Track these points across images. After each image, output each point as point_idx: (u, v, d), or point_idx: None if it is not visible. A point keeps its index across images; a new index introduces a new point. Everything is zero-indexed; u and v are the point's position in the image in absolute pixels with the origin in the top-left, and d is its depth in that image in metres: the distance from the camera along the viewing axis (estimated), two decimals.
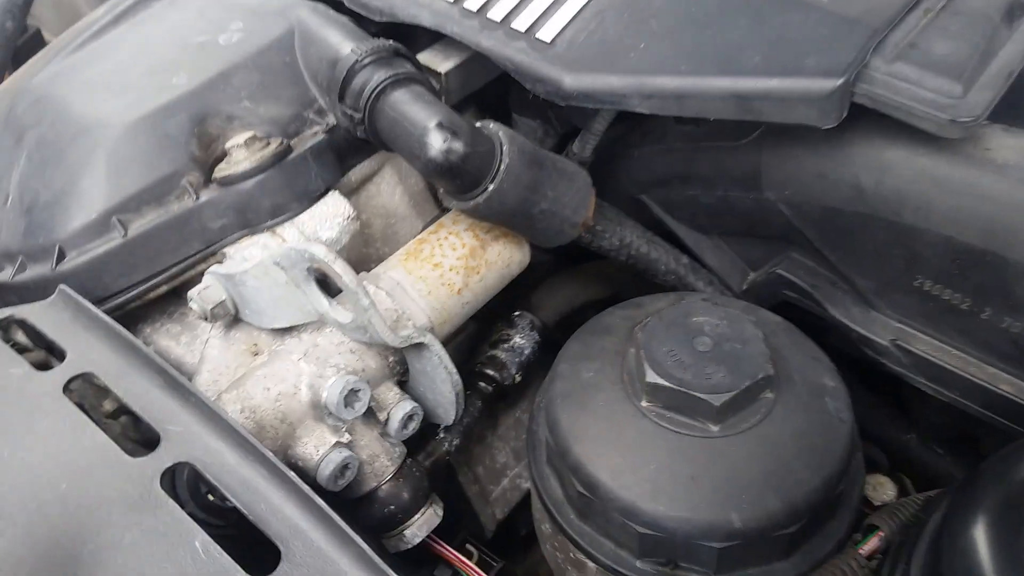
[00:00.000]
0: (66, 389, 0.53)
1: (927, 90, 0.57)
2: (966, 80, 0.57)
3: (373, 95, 0.63)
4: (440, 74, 0.70)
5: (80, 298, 0.57)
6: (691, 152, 0.72)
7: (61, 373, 0.54)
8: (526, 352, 0.73)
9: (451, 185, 0.61)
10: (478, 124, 0.63)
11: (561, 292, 0.79)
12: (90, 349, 0.55)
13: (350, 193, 0.70)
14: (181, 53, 0.71)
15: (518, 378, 0.73)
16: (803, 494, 0.57)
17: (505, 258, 0.69)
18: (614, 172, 0.78)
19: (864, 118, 0.59)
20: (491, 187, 0.60)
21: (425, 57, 0.72)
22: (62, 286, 0.58)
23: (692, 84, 0.60)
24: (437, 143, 0.58)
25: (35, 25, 1.50)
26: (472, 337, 0.76)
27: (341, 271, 0.55)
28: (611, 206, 0.71)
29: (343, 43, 0.66)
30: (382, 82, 0.62)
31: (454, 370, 0.61)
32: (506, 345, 0.73)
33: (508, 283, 0.70)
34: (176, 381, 0.52)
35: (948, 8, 0.63)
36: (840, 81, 0.57)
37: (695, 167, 0.72)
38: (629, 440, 0.60)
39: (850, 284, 0.67)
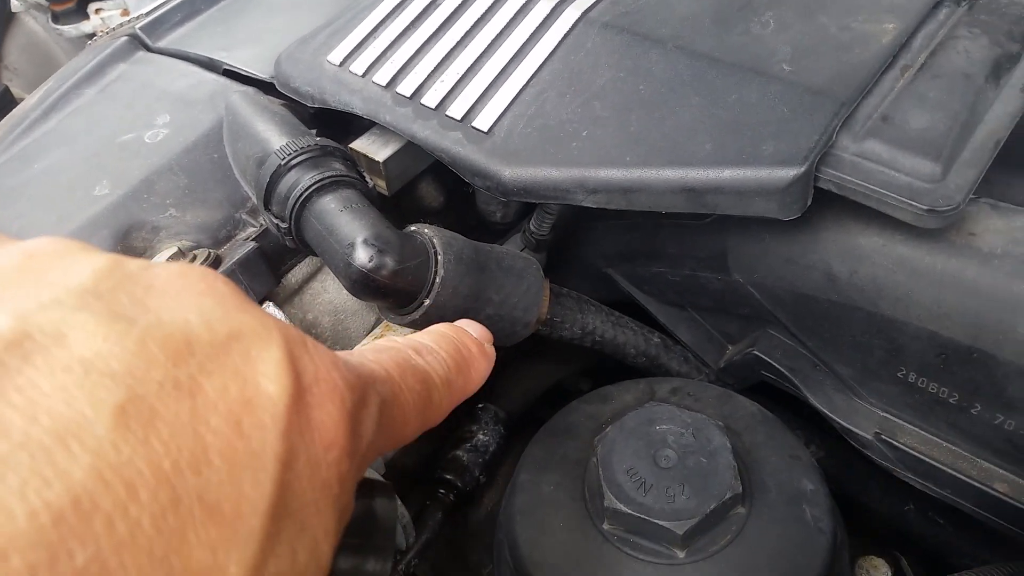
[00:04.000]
0: None
1: (902, 173, 0.51)
2: (946, 159, 0.51)
3: (298, 203, 0.58)
4: (378, 163, 0.65)
5: None
6: (655, 229, 0.67)
7: None
8: (491, 450, 0.69)
9: (383, 303, 0.56)
10: (412, 228, 0.58)
11: (527, 376, 0.74)
12: None
13: (291, 296, 0.66)
14: (105, 156, 0.67)
15: (483, 479, 0.68)
16: None
17: None
18: (579, 245, 0.73)
19: (835, 200, 0.54)
20: (427, 303, 0.55)
21: (362, 144, 0.67)
22: None
23: (639, 177, 0.55)
24: (362, 261, 0.53)
25: (2, 83, 1.47)
26: (432, 436, 0.72)
27: None
28: (570, 292, 0.66)
29: (271, 139, 0.62)
30: (307, 188, 0.58)
31: (397, 503, 0.57)
32: (469, 444, 0.68)
33: None
34: None
35: (927, 68, 0.56)
36: (800, 171, 0.51)
37: (660, 244, 0.67)
38: (590, 569, 0.55)
39: (831, 369, 0.61)
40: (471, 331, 0.50)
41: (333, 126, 0.69)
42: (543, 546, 0.57)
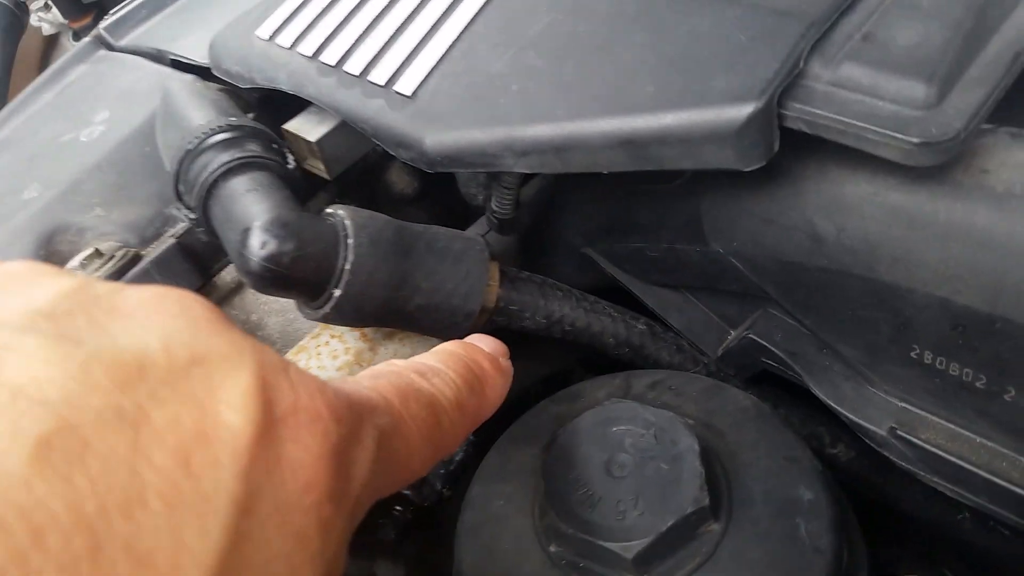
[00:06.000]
0: None
1: (886, 100, 0.41)
2: (943, 78, 0.40)
3: (206, 189, 0.52)
4: (311, 143, 0.59)
5: None
6: (627, 198, 0.57)
7: None
8: (456, 458, 0.61)
9: (289, 296, 0.50)
10: (328, 210, 0.51)
11: None
12: None
13: (228, 296, 0.60)
14: (42, 159, 0.63)
15: (446, 492, 0.60)
16: None
17: (404, 357, 0.56)
18: (554, 223, 0.64)
19: (816, 145, 0.43)
20: (337, 293, 0.48)
21: (295, 124, 0.60)
22: None
23: (572, 132, 0.46)
24: (254, 249, 0.47)
25: None
26: None
27: None
28: (531, 276, 0.57)
29: (193, 124, 0.56)
30: (214, 172, 0.52)
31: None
32: None
33: None
34: None
35: None
36: (756, 107, 0.41)
37: (633, 215, 0.57)
38: None
39: (837, 352, 0.51)
40: (483, 346, 0.45)
41: (282, 109, 0.64)
42: (488, 570, 0.49)
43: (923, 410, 0.47)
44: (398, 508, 0.59)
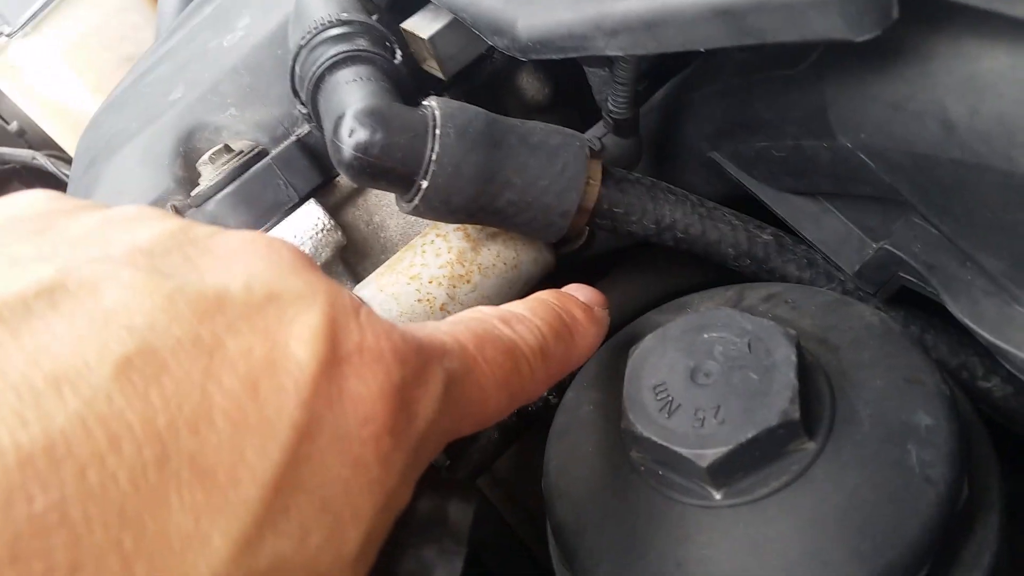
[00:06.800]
0: None
1: None
2: None
3: (313, 83, 0.53)
4: (423, 40, 0.58)
5: None
6: (747, 89, 0.52)
7: None
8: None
9: (382, 187, 0.49)
10: (424, 101, 0.50)
11: (620, 289, 0.63)
12: None
13: (352, 196, 0.61)
14: (191, 64, 0.67)
15: (552, 400, 0.59)
16: None
17: (508, 259, 0.55)
18: (679, 127, 0.60)
19: (946, 14, 0.37)
20: (424, 184, 0.47)
21: (412, 23, 0.59)
22: None
23: (662, 4, 0.42)
24: (344, 136, 0.47)
25: None
26: None
27: None
28: (641, 178, 0.53)
29: (316, 19, 0.57)
30: (321, 66, 0.52)
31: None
32: None
33: (528, 289, 0.57)
34: None
35: None
36: None
37: (755, 109, 0.51)
38: (611, 504, 0.44)
39: (979, 265, 0.43)
40: (579, 295, 0.46)
41: (410, 10, 0.63)
42: (570, 474, 0.48)
43: None
44: None
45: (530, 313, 0.41)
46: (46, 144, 1.42)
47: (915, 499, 0.39)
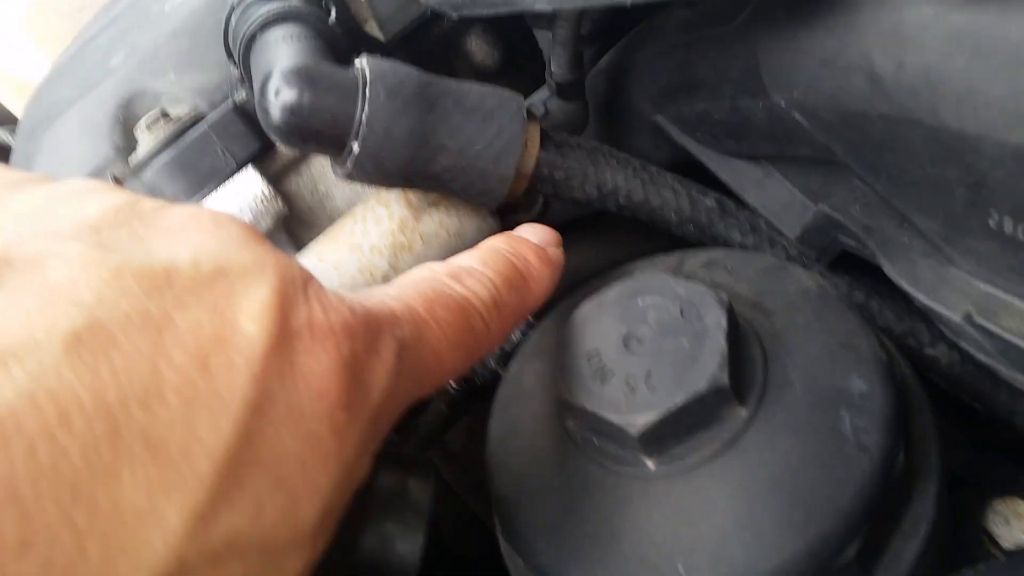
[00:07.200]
0: None
1: None
2: None
3: (245, 42, 0.51)
4: (362, 0, 0.56)
5: None
6: (687, 48, 0.50)
7: None
8: (513, 340, 0.58)
9: (315, 151, 0.48)
10: (356, 61, 0.49)
11: (570, 257, 0.61)
12: None
13: (295, 164, 0.60)
14: (133, 29, 0.65)
15: (500, 371, 0.58)
16: (774, 567, 0.37)
17: (450, 227, 0.54)
18: (625, 89, 0.58)
19: None
20: (355, 146, 0.46)
21: None
22: None
23: None
24: (270, 96, 0.45)
25: None
26: None
27: None
28: (582, 142, 0.52)
29: None
30: (251, 25, 0.51)
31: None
32: None
33: None
34: None
35: None
36: None
37: (695, 69, 0.50)
38: (549, 476, 0.44)
39: (913, 225, 0.43)
40: (531, 236, 0.45)
41: None
42: (509, 446, 0.47)
43: (1009, 293, 0.39)
44: (452, 385, 0.57)
45: (481, 264, 0.40)
46: (8, 119, 1.40)
47: (848, 466, 0.38)
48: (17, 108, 1.31)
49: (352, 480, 0.31)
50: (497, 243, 0.43)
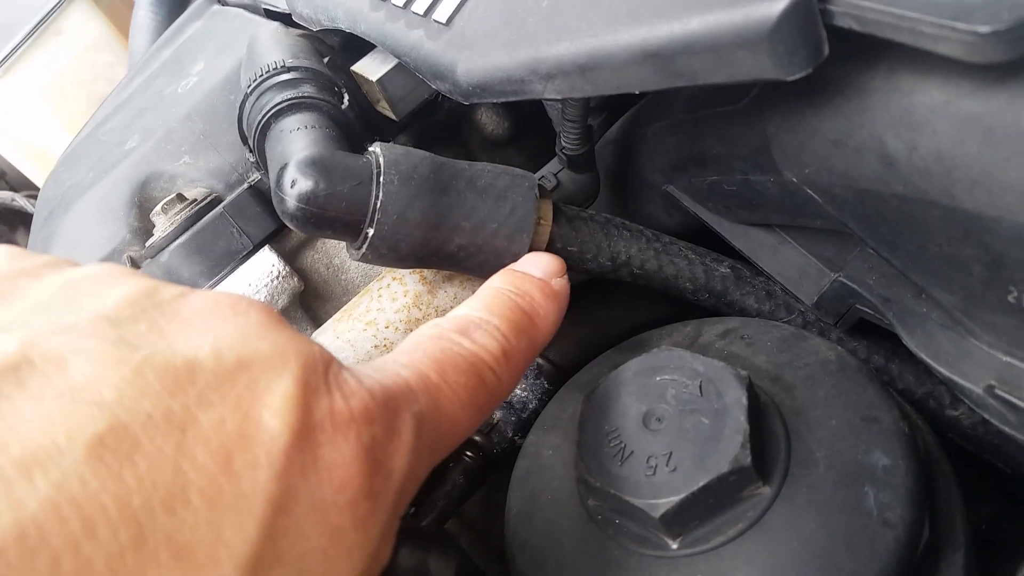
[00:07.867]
0: None
1: None
2: None
3: (259, 129, 0.52)
4: (372, 83, 0.57)
5: None
6: (695, 124, 0.51)
7: None
8: (530, 407, 0.58)
9: (329, 236, 0.49)
10: (369, 149, 0.49)
11: (585, 321, 0.62)
12: None
13: (311, 240, 0.61)
14: (147, 111, 0.67)
15: (518, 441, 0.58)
16: None
17: (463, 300, 0.54)
18: (635, 160, 0.59)
19: (882, 49, 0.36)
20: (371, 232, 0.47)
21: (361, 65, 0.59)
22: None
23: (595, 48, 0.41)
24: (286, 187, 0.46)
25: None
26: None
27: None
28: (595, 215, 0.53)
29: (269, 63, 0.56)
30: (266, 114, 0.52)
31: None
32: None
33: None
34: None
35: None
36: (786, 3, 0.35)
37: (704, 144, 0.51)
38: (570, 555, 0.43)
39: (932, 298, 0.43)
40: (534, 269, 0.45)
41: (362, 52, 0.63)
42: (530, 523, 0.47)
43: None
44: (468, 455, 0.57)
45: (487, 313, 0.40)
46: (25, 185, 1.42)
47: (873, 543, 0.38)
48: (33, 174, 1.34)
49: (376, 566, 0.31)
50: (500, 284, 0.43)
